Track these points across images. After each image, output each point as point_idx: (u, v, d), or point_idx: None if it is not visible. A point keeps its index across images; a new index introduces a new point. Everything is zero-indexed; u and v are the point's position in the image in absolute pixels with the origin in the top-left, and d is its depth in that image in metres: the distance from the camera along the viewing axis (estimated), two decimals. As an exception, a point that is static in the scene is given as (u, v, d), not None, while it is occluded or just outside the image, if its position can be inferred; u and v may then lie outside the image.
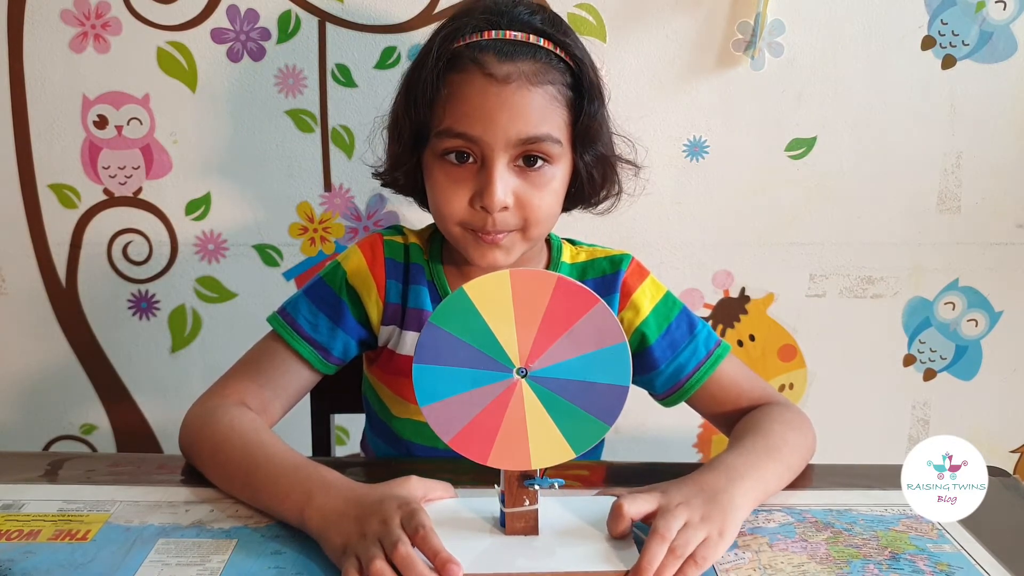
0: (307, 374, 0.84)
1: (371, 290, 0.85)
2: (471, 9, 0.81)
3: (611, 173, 0.86)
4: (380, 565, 0.57)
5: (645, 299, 0.86)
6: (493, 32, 0.78)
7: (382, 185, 0.89)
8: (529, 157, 0.78)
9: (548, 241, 0.90)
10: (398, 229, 0.90)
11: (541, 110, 0.77)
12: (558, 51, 0.79)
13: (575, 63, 0.80)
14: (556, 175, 0.80)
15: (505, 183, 0.77)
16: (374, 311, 0.86)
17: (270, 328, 0.85)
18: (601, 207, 0.89)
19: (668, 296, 0.88)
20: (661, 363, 0.85)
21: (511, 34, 0.77)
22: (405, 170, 0.84)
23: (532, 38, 0.78)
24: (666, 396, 0.87)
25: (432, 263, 0.87)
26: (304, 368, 0.84)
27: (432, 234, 0.90)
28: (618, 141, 0.87)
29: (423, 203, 0.88)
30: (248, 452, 0.72)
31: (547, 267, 0.89)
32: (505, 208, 0.77)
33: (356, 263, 0.86)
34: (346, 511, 0.63)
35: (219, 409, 0.77)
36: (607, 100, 0.83)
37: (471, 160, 0.78)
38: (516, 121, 0.76)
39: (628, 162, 0.87)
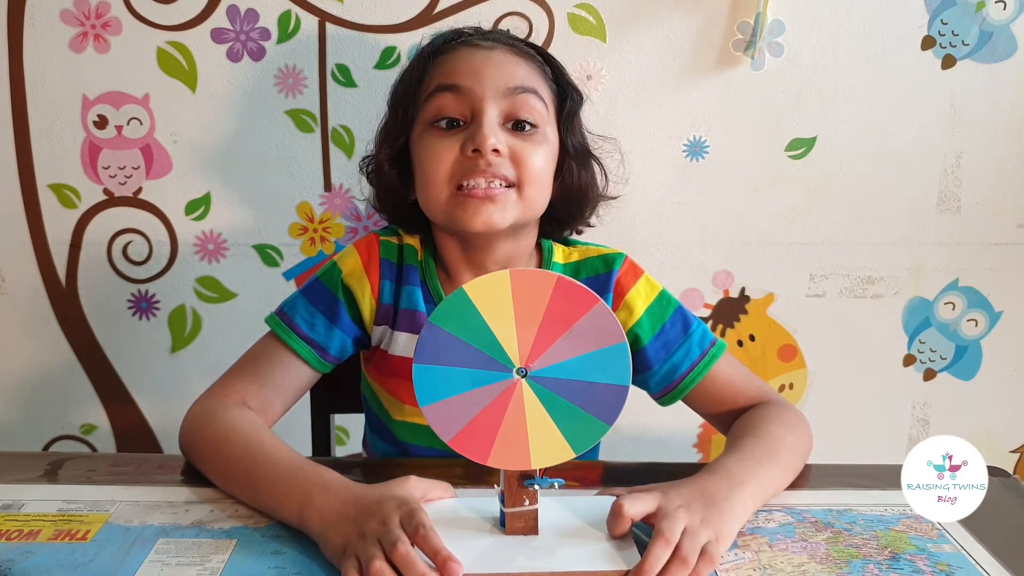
0: (306, 373, 0.85)
1: (365, 290, 0.86)
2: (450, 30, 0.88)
3: (594, 163, 0.90)
4: (380, 565, 0.57)
5: (639, 299, 0.86)
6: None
7: (368, 180, 0.92)
8: (518, 123, 0.81)
9: (538, 244, 0.91)
10: (394, 229, 0.90)
11: (527, 71, 0.83)
12: (533, 52, 0.86)
13: (551, 65, 0.87)
14: (546, 140, 0.83)
15: (496, 128, 0.80)
16: (367, 310, 0.86)
17: (268, 329, 0.86)
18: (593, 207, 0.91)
19: (663, 295, 0.88)
20: (655, 363, 0.85)
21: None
22: (391, 152, 0.86)
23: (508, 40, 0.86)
24: (661, 396, 0.88)
25: (426, 264, 0.88)
26: (303, 367, 0.84)
27: (427, 236, 0.90)
28: (598, 142, 0.92)
29: (399, 216, 0.90)
30: (248, 453, 0.72)
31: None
32: (497, 151, 0.79)
33: (352, 263, 0.86)
34: (345, 512, 0.63)
35: (220, 409, 0.77)
36: (583, 100, 0.88)
37: (461, 125, 0.81)
38: (503, 73, 0.81)
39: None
